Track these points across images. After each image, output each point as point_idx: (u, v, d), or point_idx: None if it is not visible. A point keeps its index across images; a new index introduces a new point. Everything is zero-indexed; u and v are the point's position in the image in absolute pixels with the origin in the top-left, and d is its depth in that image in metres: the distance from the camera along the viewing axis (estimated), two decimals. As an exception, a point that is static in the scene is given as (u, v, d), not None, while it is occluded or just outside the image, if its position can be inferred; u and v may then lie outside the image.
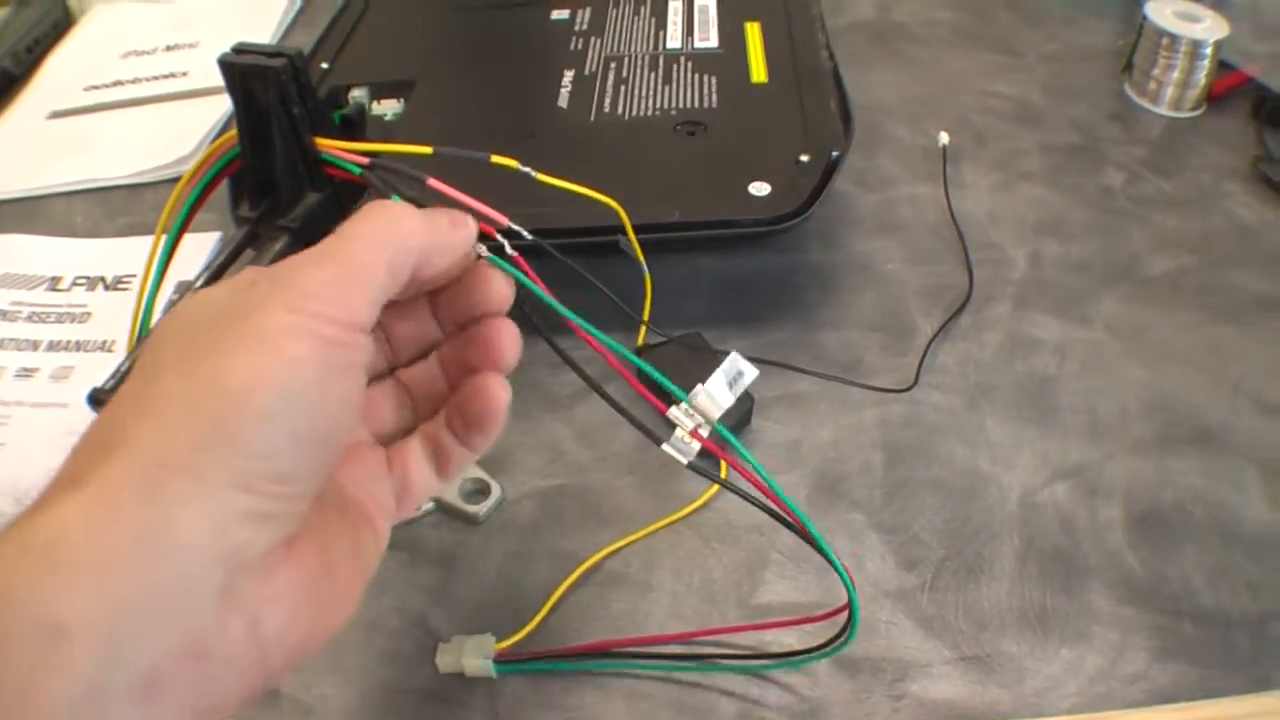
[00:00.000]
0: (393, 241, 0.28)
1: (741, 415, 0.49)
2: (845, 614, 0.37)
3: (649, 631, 0.43)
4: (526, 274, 0.32)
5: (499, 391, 0.33)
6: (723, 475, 0.35)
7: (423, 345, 0.35)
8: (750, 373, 0.36)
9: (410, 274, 0.29)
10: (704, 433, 0.34)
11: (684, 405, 0.34)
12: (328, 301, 0.26)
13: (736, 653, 0.42)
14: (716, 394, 0.34)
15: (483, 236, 0.32)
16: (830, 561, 0.34)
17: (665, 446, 0.33)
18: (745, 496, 0.34)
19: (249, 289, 0.27)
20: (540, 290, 0.32)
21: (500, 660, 0.41)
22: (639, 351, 0.52)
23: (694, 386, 0.33)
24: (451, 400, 0.34)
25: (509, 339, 0.33)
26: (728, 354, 0.35)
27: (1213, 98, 0.71)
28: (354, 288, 0.27)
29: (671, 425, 0.34)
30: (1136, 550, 0.45)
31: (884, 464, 0.49)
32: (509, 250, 0.32)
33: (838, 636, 0.39)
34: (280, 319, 0.26)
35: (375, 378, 0.35)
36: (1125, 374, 0.53)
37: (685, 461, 0.33)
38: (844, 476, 0.49)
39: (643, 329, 0.52)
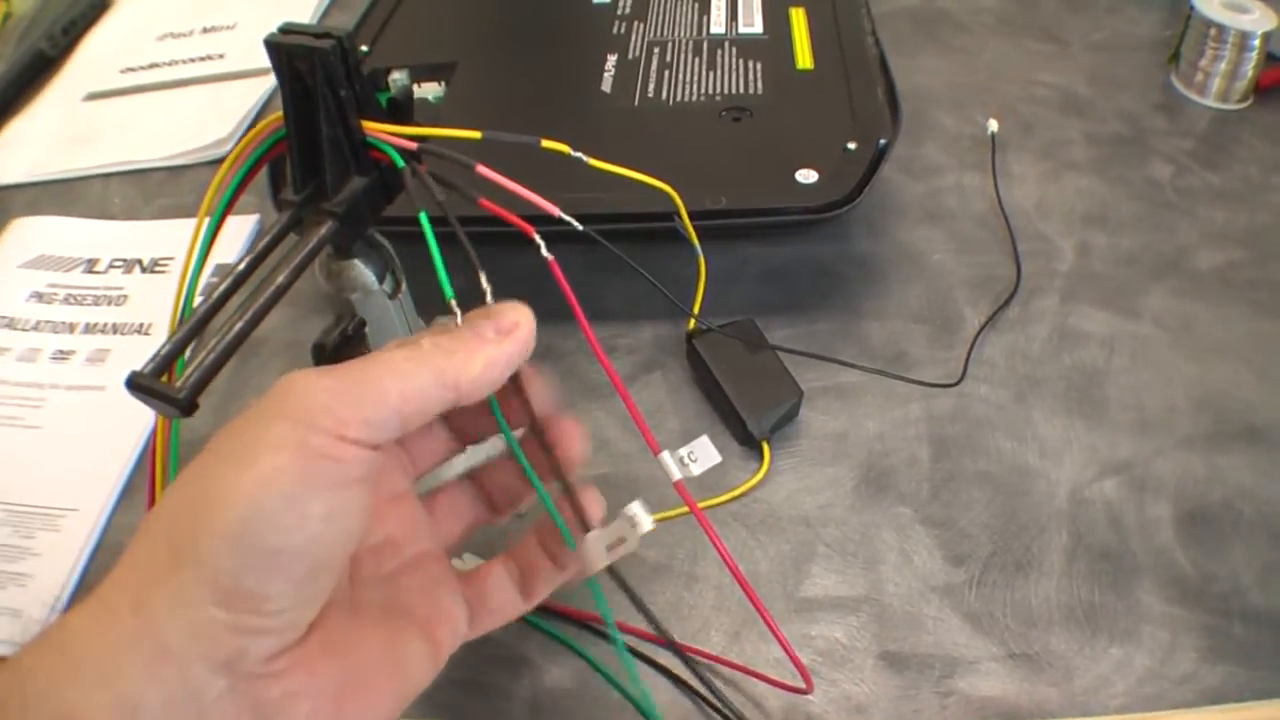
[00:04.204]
0: (431, 378, 0.27)
1: (789, 409, 0.49)
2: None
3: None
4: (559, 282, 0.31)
5: (590, 503, 0.33)
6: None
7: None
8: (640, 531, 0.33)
9: (448, 405, 0.28)
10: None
11: (678, 453, 0.33)
12: (318, 411, 0.25)
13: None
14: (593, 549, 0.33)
15: (522, 233, 0.31)
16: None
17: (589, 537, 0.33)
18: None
19: (268, 396, 0.26)
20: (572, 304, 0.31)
21: None
22: (690, 336, 0.51)
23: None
24: (543, 516, 0.34)
25: (572, 439, 0.33)
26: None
27: (1260, 90, 0.70)
28: (353, 401, 0.25)
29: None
30: (1185, 548, 0.45)
31: (931, 457, 0.49)
32: (544, 253, 0.31)
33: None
34: (268, 429, 0.25)
35: (453, 485, 0.36)
36: (1174, 369, 0.52)
37: (600, 566, 0.33)
38: (891, 470, 0.48)
39: (694, 313, 0.52)
